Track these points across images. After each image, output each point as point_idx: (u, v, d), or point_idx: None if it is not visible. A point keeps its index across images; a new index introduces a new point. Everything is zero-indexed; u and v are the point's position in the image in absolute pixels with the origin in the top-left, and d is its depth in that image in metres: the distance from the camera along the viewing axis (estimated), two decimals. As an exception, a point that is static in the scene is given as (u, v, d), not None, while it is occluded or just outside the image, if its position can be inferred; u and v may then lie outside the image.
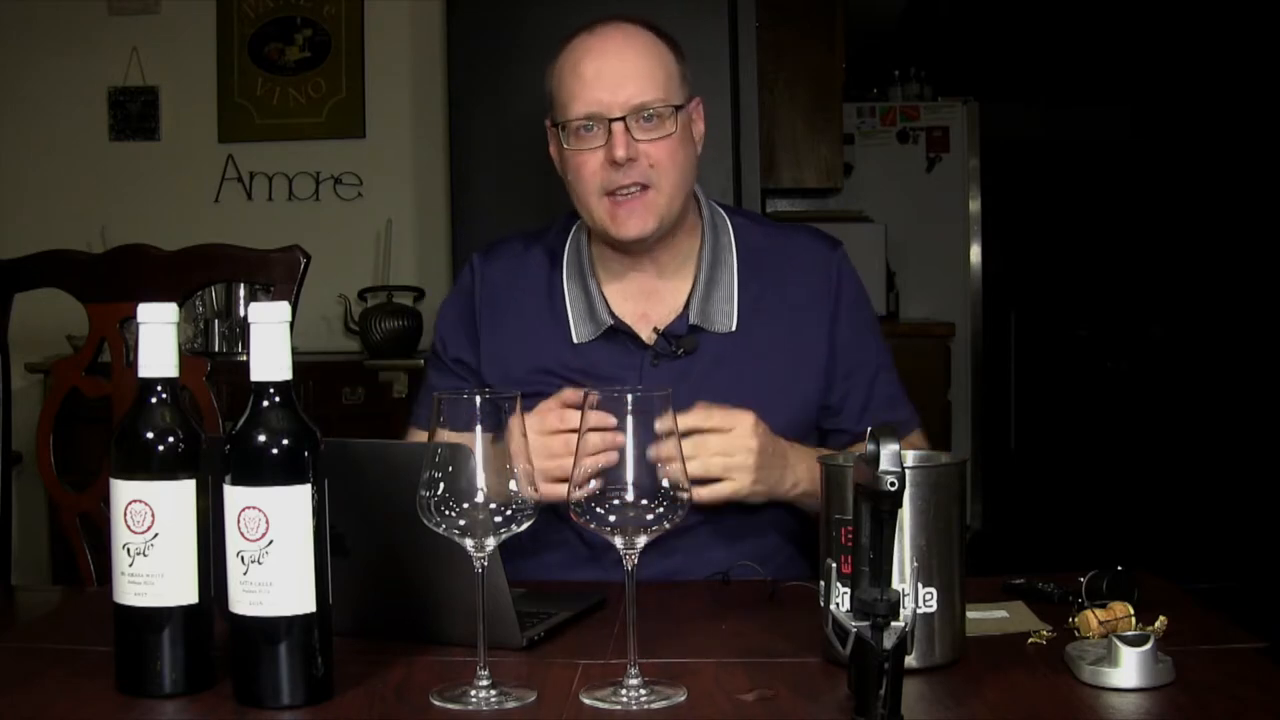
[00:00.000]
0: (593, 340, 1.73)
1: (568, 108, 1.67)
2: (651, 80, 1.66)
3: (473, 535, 1.12)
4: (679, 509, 1.12)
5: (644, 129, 1.65)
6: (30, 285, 1.91)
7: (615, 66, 1.66)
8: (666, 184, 1.67)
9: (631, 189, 1.66)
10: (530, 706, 1.10)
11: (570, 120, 1.66)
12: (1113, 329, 8.15)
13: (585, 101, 1.65)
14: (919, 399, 1.83)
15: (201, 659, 1.15)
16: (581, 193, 1.69)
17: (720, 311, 1.73)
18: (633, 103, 1.64)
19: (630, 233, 1.67)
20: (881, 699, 1.00)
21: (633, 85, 1.65)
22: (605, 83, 1.64)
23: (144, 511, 1.13)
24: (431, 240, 4.32)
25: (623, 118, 1.64)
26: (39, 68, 4.38)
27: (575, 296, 1.75)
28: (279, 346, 1.11)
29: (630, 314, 1.74)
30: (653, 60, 1.68)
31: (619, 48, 1.67)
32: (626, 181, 1.65)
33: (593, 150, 1.66)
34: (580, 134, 1.66)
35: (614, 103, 1.64)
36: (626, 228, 1.67)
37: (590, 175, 1.67)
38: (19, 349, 1.99)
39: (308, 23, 4.38)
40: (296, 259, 1.86)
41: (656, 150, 1.66)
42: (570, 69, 1.68)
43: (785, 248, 1.79)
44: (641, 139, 1.65)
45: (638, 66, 1.66)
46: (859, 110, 5.66)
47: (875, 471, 1.02)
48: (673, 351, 1.71)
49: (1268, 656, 1.19)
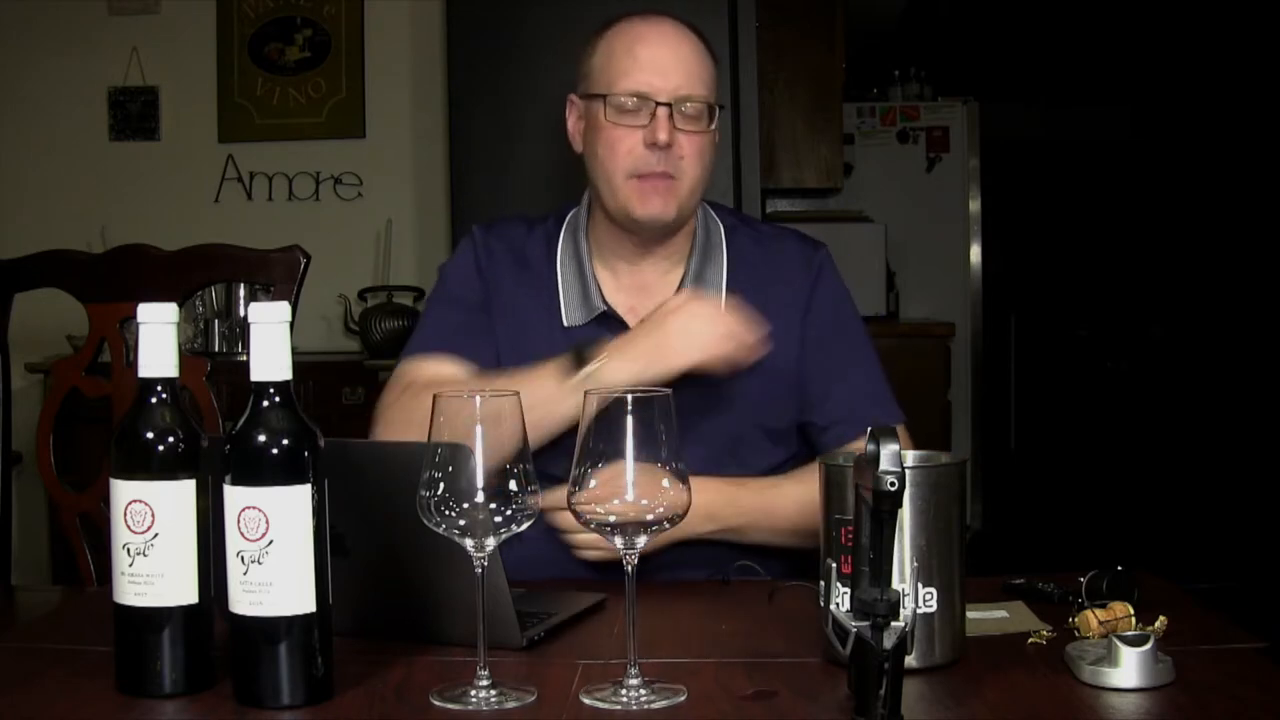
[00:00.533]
0: (582, 325, 1.74)
1: (616, 82, 1.69)
2: (699, 76, 1.71)
3: (473, 535, 1.12)
4: (678, 509, 1.12)
5: (684, 120, 1.68)
6: (30, 285, 1.91)
7: (670, 55, 1.70)
8: (689, 178, 1.70)
9: (659, 175, 1.68)
10: (530, 706, 1.10)
11: (615, 94, 1.69)
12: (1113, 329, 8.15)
13: (636, 80, 1.68)
14: (919, 399, 1.83)
15: (201, 659, 1.15)
16: (610, 169, 1.70)
17: None
18: (680, 92, 1.68)
19: (653, 212, 1.69)
20: (881, 699, 1.00)
21: (682, 76, 1.69)
22: (659, 67, 1.68)
23: (144, 511, 1.13)
24: (431, 240, 4.32)
25: (669, 104, 1.67)
26: (39, 68, 4.38)
27: (569, 280, 1.77)
28: (279, 346, 1.11)
29: (621, 305, 1.75)
30: (701, 58, 1.73)
31: (675, 39, 1.72)
32: (660, 168, 1.68)
33: (631, 129, 1.68)
34: (623, 111, 1.69)
35: (664, 88, 1.67)
36: (650, 207, 1.69)
37: (625, 153, 1.69)
38: (19, 349, 1.99)
39: (308, 23, 4.38)
40: (296, 259, 1.86)
41: (690, 143, 1.69)
42: (624, 48, 1.71)
43: (770, 252, 1.81)
44: (681, 129, 1.68)
45: (689, 60, 1.71)
46: (859, 110, 5.66)
47: (875, 471, 1.02)
48: None
49: (1268, 656, 1.19)
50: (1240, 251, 7.50)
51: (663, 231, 1.73)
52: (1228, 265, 7.60)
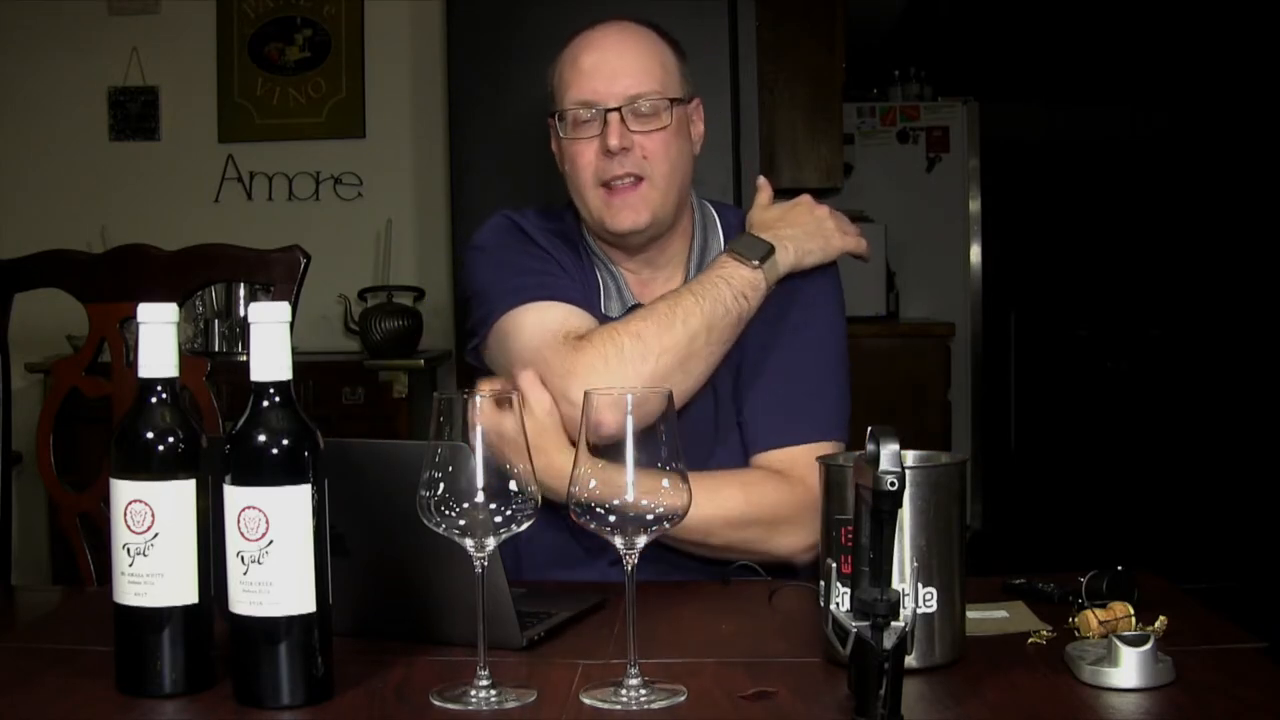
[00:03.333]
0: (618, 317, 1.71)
1: (564, 97, 1.69)
2: (647, 73, 1.68)
3: (473, 535, 1.12)
4: (679, 509, 1.12)
5: (638, 120, 1.66)
6: (30, 285, 1.91)
7: (613, 59, 1.68)
8: (659, 176, 1.68)
9: (625, 179, 1.67)
10: (530, 706, 1.10)
11: (566, 109, 1.68)
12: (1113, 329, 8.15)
13: (581, 90, 1.67)
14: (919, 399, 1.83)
15: (201, 659, 1.15)
16: (578, 184, 1.70)
17: None
18: (628, 93, 1.66)
19: (624, 224, 1.68)
20: (881, 699, 1.00)
21: (629, 77, 1.67)
22: (602, 73, 1.67)
23: (144, 511, 1.13)
24: (431, 240, 4.32)
25: (618, 108, 1.66)
26: (39, 68, 4.38)
27: (605, 275, 1.76)
28: (279, 346, 1.11)
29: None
30: (649, 55, 1.70)
31: (617, 41, 1.70)
32: (620, 171, 1.66)
33: (588, 140, 1.67)
34: (576, 124, 1.68)
35: (610, 93, 1.66)
36: (620, 220, 1.68)
37: (585, 165, 1.68)
38: (19, 349, 1.99)
39: (308, 23, 4.38)
40: (296, 259, 1.86)
41: (650, 142, 1.67)
42: (569, 61, 1.70)
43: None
44: (636, 130, 1.66)
45: (635, 59, 1.68)
46: (859, 110, 5.66)
47: (875, 471, 1.02)
48: None
49: (1268, 656, 1.19)
50: (1240, 252, 7.50)
51: (646, 238, 1.72)
52: (1227, 266, 7.60)
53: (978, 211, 5.79)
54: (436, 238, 4.27)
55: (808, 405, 1.69)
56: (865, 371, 2.14)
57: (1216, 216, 7.70)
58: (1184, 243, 7.86)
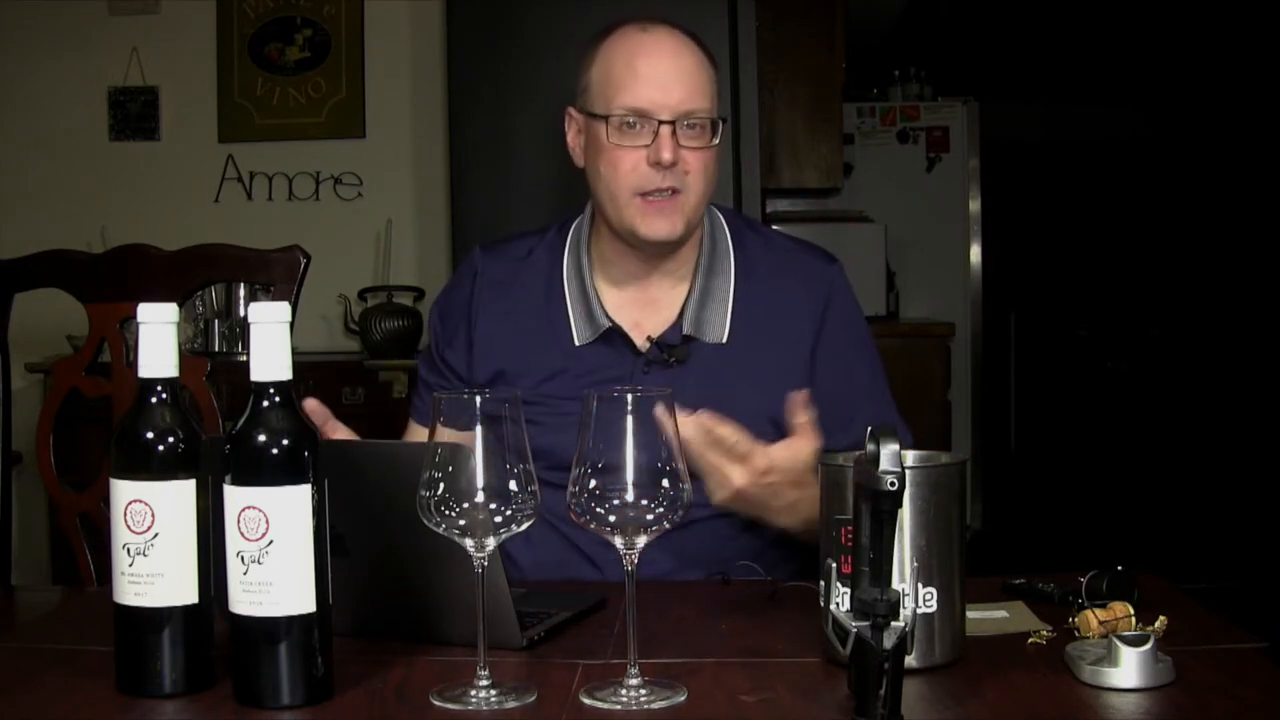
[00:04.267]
0: (589, 344, 1.73)
1: (614, 99, 1.66)
2: (702, 90, 1.67)
3: (473, 535, 1.12)
4: (679, 509, 1.12)
5: (688, 135, 1.65)
6: (30, 285, 1.91)
7: (670, 69, 1.66)
8: (695, 193, 1.68)
9: (665, 192, 1.66)
10: (530, 706, 1.10)
11: (616, 112, 1.66)
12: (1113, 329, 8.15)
13: (637, 97, 1.65)
14: (919, 399, 1.83)
15: (201, 659, 1.15)
16: (614, 189, 1.68)
17: (714, 322, 1.72)
18: (683, 108, 1.65)
19: (659, 233, 1.67)
20: (881, 699, 1.00)
21: (684, 90, 1.65)
22: (659, 83, 1.65)
23: (144, 511, 1.13)
24: (431, 240, 4.32)
25: (672, 121, 1.64)
26: (39, 68, 4.38)
27: (575, 297, 1.75)
28: (279, 346, 1.11)
29: (626, 320, 1.74)
30: (703, 70, 1.69)
31: (675, 51, 1.68)
32: (664, 185, 1.65)
33: (634, 148, 1.65)
34: (624, 129, 1.66)
35: (665, 104, 1.64)
36: (656, 228, 1.67)
37: (627, 172, 1.66)
38: (19, 349, 1.99)
39: (308, 23, 4.38)
40: (296, 259, 1.86)
41: (695, 159, 1.66)
42: (623, 62, 1.67)
43: (782, 262, 1.78)
44: (685, 145, 1.65)
45: (691, 74, 1.67)
46: (859, 110, 5.66)
47: (875, 471, 1.02)
48: (664, 360, 1.71)
49: (1268, 656, 1.19)
50: (1240, 252, 7.50)
51: (669, 247, 1.72)
52: (1227, 266, 7.60)
53: (978, 211, 5.79)
54: (436, 238, 4.27)
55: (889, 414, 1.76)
56: (865, 371, 2.15)
57: (1216, 216, 7.70)
58: (1184, 243, 7.86)
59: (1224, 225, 7.64)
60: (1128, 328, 8.13)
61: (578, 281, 1.76)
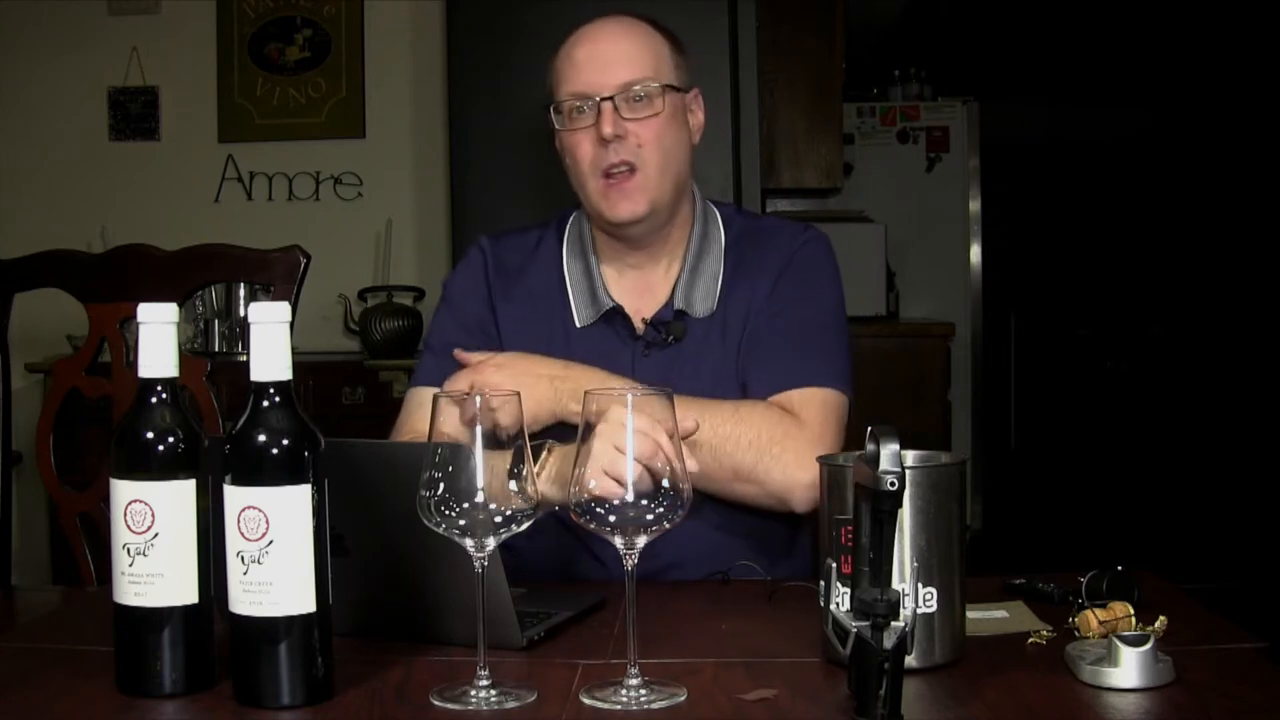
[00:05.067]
0: (590, 326, 1.75)
1: (559, 90, 1.72)
2: (639, 61, 1.70)
3: (473, 535, 1.12)
4: (679, 509, 1.12)
5: (631, 107, 1.68)
6: (30, 285, 1.91)
7: (606, 49, 1.70)
8: (653, 164, 1.69)
9: (621, 168, 1.68)
10: (530, 706, 1.10)
11: (561, 101, 1.71)
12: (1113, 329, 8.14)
13: (575, 82, 1.69)
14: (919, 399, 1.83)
15: (201, 659, 1.15)
16: (578, 175, 1.72)
17: (702, 296, 1.75)
18: (620, 81, 1.68)
19: (621, 214, 1.70)
20: (881, 699, 1.00)
21: (621, 66, 1.69)
22: (595, 64, 1.69)
23: (144, 511, 1.13)
24: (431, 240, 4.33)
25: (610, 97, 1.67)
26: (39, 68, 4.38)
27: (576, 277, 1.78)
28: (279, 346, 1.11)
29: (626, 306, 1.76)
30: (642, 43, 1.72)
31: (612, 33, 1.72)
32: (615, 160, 1.68)
33: (584, 130, 1.69)
34: (572, 115, 1.70)
35: (603, 83, 1.68)
36: (618, 209, 1.69)
37: (583, 156, 1.70)
38: (19, 349, 1.99)
39: (308, 23, 4.39)
40: (296, 259, 1.86)
41: (643, 129, 1.68)
42: (565, 55, 1.73)
43: (763, 234, 1.81)
44: (629, 118, 1.68)
45: (628, 49, 1.71)
46: (859, 110, 5.66)
47: (875, 471, 1.02)
48: (663, 339, 1.73)
49: (1268, 656, 1.19)
50: (1240, 252, 7.50)
51: (648, 228, 1.73)
52: (1228, 265, 7.59)
53: (978, 211, 5.79)
54: (436, 238, 4.27)
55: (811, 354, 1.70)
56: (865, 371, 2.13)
57: (1216, 216, 7.70)
58: (1184, 242, 7.85)
59: (1224, 225, 7.64)
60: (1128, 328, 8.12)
61: (581, 264, 1.78)
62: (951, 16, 6.89)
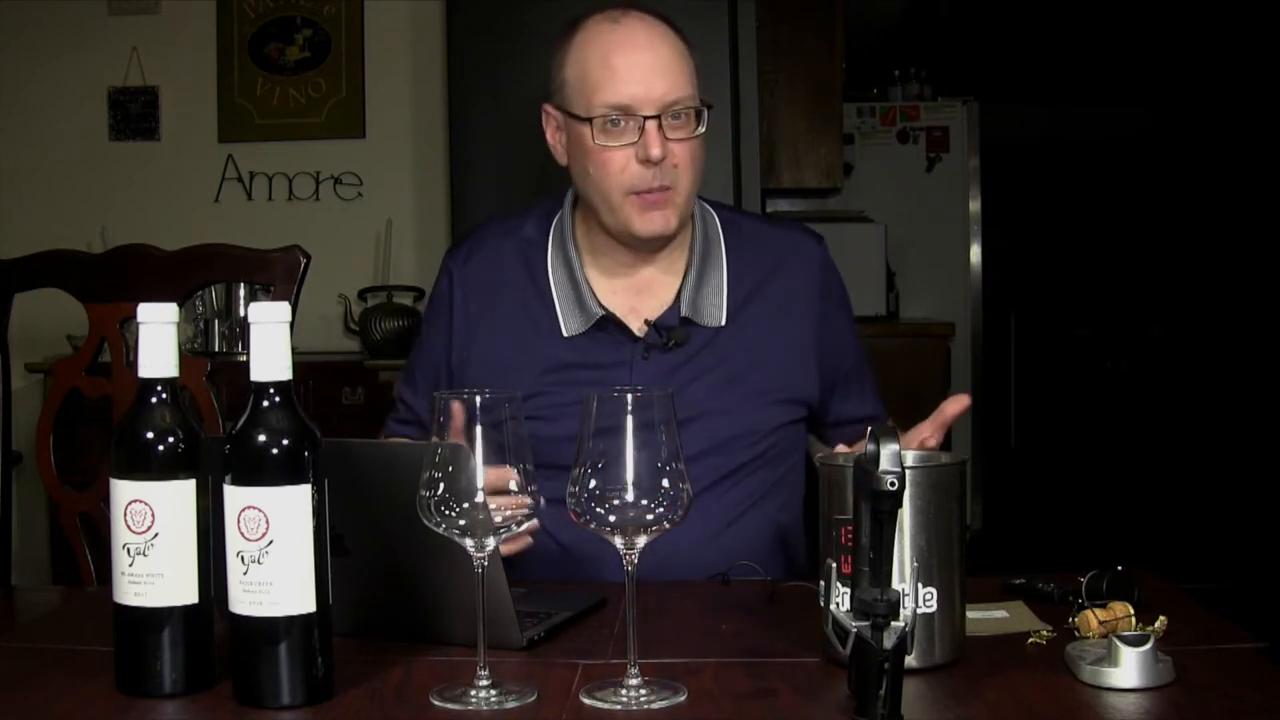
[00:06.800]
0: (583, 334, 1.72)
1: (594, 99, 1.63)
2: (683, 77, 1.64)
3: (473, 535, 1.12)
4: (679, 509, 1.12)
5: (674, 127, 1.63)
6: (30, 285, 1.91)
7: (648, 60, 1.62)
8: (685, 184, 1.67)
9: (658, 189, 1.64)
10: (530, 706, 1.10)
11: (598, 114, 1.62)
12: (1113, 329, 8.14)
13: (618, 94, 1.61)
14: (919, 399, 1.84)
15: (201, 659, 1.15)
16: (605, 189, 1.66)
17: (710, 305, 1.73)
18: (667, 99, 1.62)
19: (654, 230, 1.67)
20: (881, 699, 1.00)
21: (666, 82, 1.62)
22: (639, 77, 1.61)
23: (144, 511, 1.13)
24: (431, 240, 4.32)
25: (657, 115, 1.61)
26: (39, 68, 4.38)
27: (562, 288, 1.74)
28: (279, 346, 1.11)
29: (620, 307, 1.73)
30: (682, 58, 1.66)
31: (650, 42, 1.64)
32: (656, 183, 1.63)
33: (621, 147, 1.63)
34: (608, 129, 1.63)
35: (649, 99, 1.61)
36: (651, 225, 1.66)
37: (618, 172, 1.64)
38: (19, 349, 1.99)
39: (308, 23, 4.38)
40: (296, 259, 1.86)
41: (682, 151, 1.64)
42: (599, 59, 1.63)
43: (772, 241, 1.80)
44: (672, 138, 1.63)
45: (669, 62, 1.64)
46: (859, 110, 5.66)
47: (875, 471, 1.02)
48: (664, 343, 1.71)
49: (1268, 656, 1.19)
50: (1240, 251, 7.50)
51: (664, 241, 1.72)
52: (1228, 265, 7.59)
53: (978, 211, 5.79)
54: (436, 238, 4.27)
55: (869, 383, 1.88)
56: (865, 371, 2.17)
57: (1216, 216, 7.70)
58: (1184, 242, 7.85)
59: (1224, 225, 7.64)
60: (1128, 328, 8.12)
61: (565, 271, 1.74)
62: (951, 16, 6.89)
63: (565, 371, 1.70)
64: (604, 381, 1.67)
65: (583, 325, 1.72)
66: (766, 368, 1.72)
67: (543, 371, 1.71)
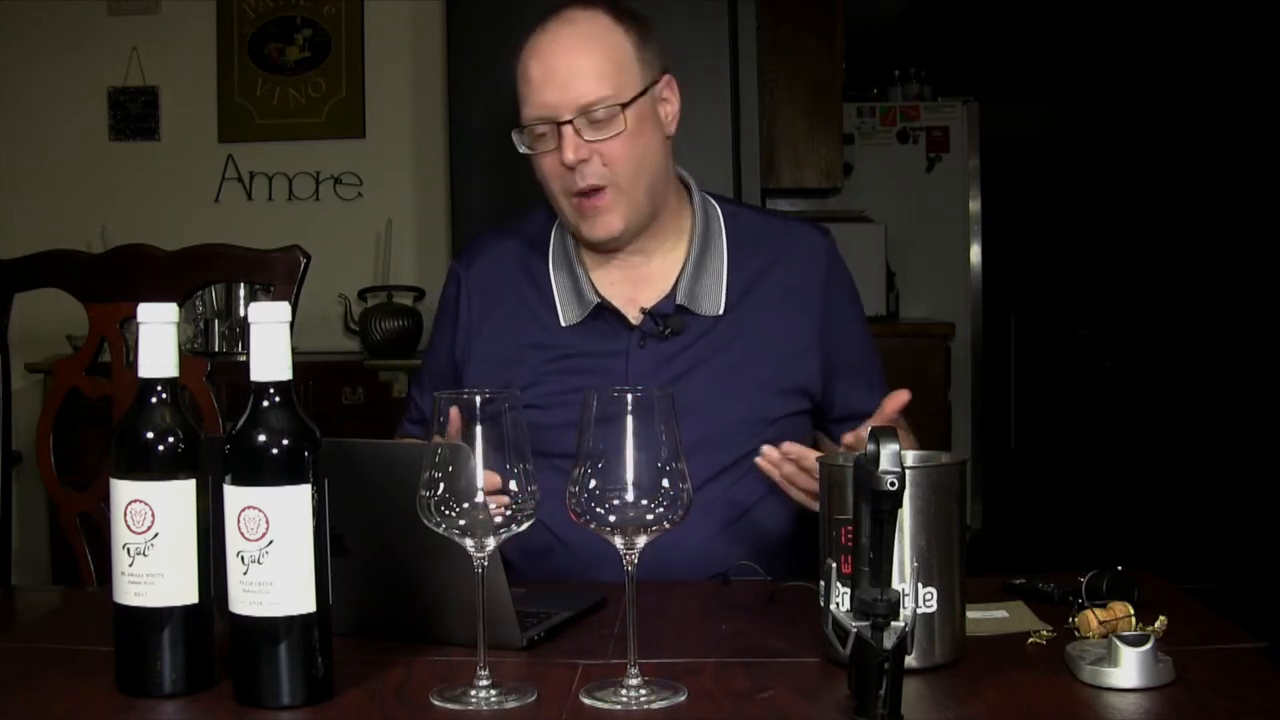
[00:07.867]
0: (580, 323, 1.73)
1: (522, 110, 1.67)
2: (598, 77, 1.63)
3: (473, 535, 1.12)
4: (679, 509, 1.12)
5: (594, 129, 1.63)
6: (30, 285, 1.91)
7: (561, 66, 1.63)
8: (626, 181, 1.66)
9: (590, 192, 1.65)
10: (530, 706, 1.10)
11: (527, 124, 1.66)
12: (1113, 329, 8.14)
13: (534, 105, 1.65)
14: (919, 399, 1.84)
15: (201, 659, 1.15)
16: (551, 194, 1.70)
17: (708, 294, 1.73)
18: (582, 101, 1.62)
19: (598, 235, 1.68)
20: (881, 699, 1.00)
21: (579, 85, 1.62)
22: (551, 84, 1.63)
23: (144, 511, 1.13)
24: (431, 240, 4.33)
25: (570, 120, 1.62)
26: (39, 68, 4.38)
27: (561, 279, 1.76)
28: (279, 346, 1.11)
29: (618, 297, 1.74)
30: (599, 55, 1.64)
31: (566, 45, 1.65)
32: (583, 185, 1.65)
33: (550, 153, 1.65)
34: (535, 138, 1.66)
35: (561, 104, 1.63)
36: (594, 230, 1.68)
37: (552, 177, 1.67)
38: (19, 349, 1.99)
39: (308, 23, 4.39)
40: (296, 259, 1.86)
41: (609, 149, 1.64)
42: (522, 71, 1.68)
43: (775, 233, 1.79)
44: (592, 139, 1.63)
45: (585, 64, 1.63)
46: (859, 110, 5.66)
47: (875, 471, 1.02)
48: (660, 332, 1.71)
49: (1268, 656, 1.19)
50: (1240, 252, 7.50)
51: (628, 239, 1.71)
52: (1228, 265, 7.59)
53: (978, 211, 5.79)
54: (436, 238, 4.28)
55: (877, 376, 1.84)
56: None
57: (1216, 216, 7.70)
58: (1184, 242, 7.85)
59: (1224, 225, 7.64)
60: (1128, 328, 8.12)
61: (565, 266, 1.76)
62: (951, 16, 6.90)
63: (562, 360, 1.72)
64: (600, 370, 1.68)
65: (580, 314, 1.73)
66: (766, 358, 1.72)
67: (540, 361, 1.72)
